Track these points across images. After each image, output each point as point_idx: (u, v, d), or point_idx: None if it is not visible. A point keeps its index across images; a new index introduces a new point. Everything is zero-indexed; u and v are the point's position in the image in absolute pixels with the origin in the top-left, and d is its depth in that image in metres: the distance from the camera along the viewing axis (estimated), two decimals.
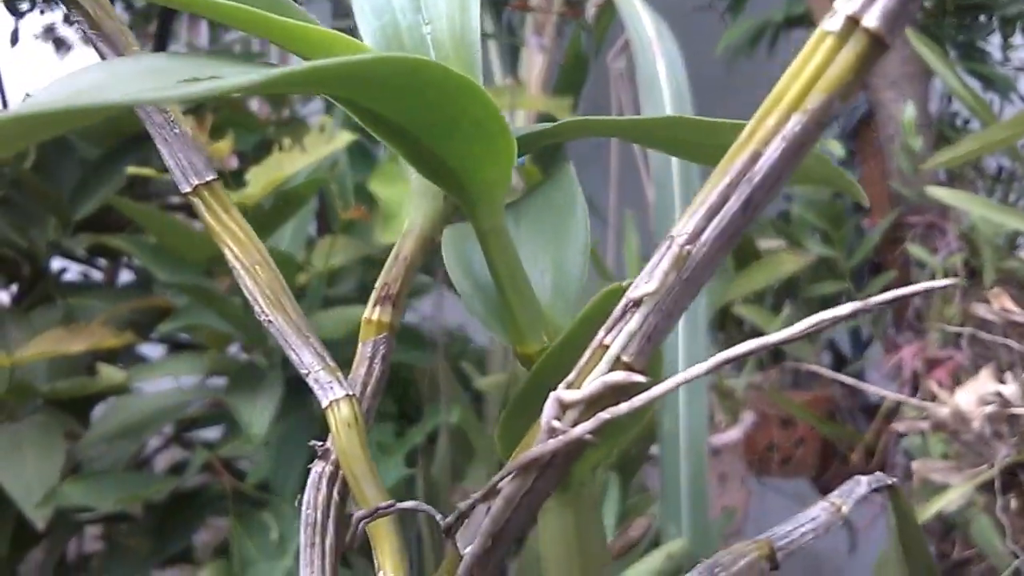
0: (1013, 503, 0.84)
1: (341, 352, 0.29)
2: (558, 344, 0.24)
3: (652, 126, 0.29)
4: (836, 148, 1.35)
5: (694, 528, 1.00)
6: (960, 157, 1.02)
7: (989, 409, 0.83)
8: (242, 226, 0.28)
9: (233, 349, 1.21)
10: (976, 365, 1.24)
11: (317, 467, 0.27)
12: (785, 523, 0.49)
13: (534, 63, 1.40)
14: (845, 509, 0.60)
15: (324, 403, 0.27)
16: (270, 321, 0.27)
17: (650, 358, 0.23)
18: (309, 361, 0.27)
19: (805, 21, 1.36)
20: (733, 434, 1.22)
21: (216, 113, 1.16)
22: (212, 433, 1.37)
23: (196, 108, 1.12)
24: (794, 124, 0.21)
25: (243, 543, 1.07)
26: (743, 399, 1.25)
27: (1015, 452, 0.82)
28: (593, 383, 0.22)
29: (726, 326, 1.38)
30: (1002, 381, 0.84)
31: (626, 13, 1.11)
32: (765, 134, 0.21)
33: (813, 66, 0.22)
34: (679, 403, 1.03)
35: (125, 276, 1.42)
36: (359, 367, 0.28)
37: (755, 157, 0.21)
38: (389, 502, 0.24)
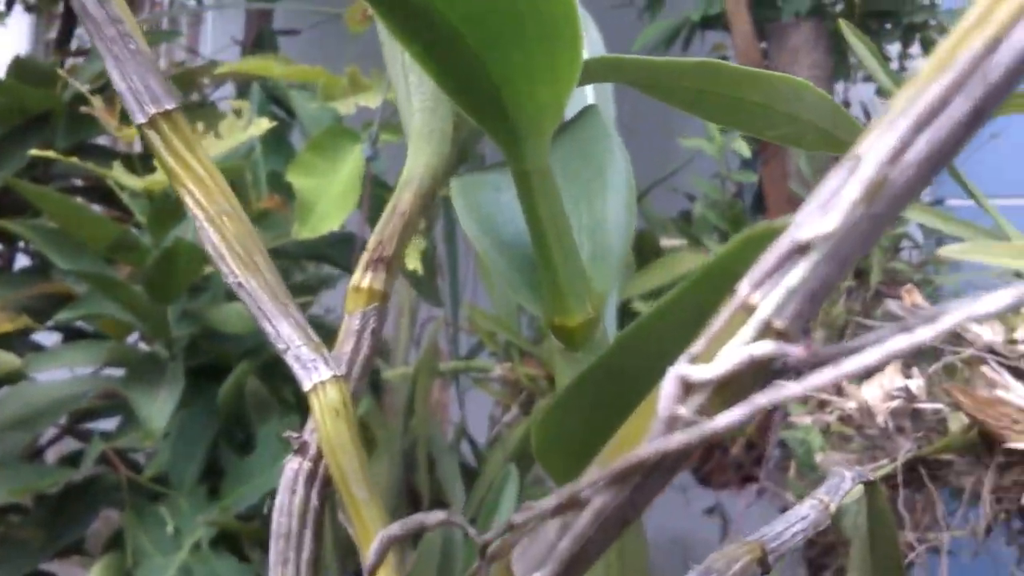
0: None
1: (244, 347, 0.23)
2: (655, 311, 0.18)
3: (685, 70, 0.23)
4: (742, 148, 1.33)
5: None
6: None
7: (894, 404, 0.81)
8: (207, 167, 0.21)
9: (132, 338, 1.12)
10: None
11: (292, 464, 0.21)
12: (776, 522, 0.44)
13: None
14: (833, 506, 0.55)
15: (307, 385, 0.21)
16: (240, 284, 0.21)
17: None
18: (288, 334, 0.21)
19: (720, 23, 1.33)
20: None
21: None
22: (108, 424, 1.27)
23: (104, 88, 1.02)
24: None
25: (137, 536, 0.99)
26: None
27: (917, 447, 0.80)
28: (734, 355, 0.15)
29: (624, 323, 1.35)
30: (908, 376, 0.82)
31: None
32: (1009, 15, 0.15)
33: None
34: None
35: (22, 261, 1.30)
36: (345, 343, 0.22)
37: (994, 45, 0.15)
38: (414, 517, 0.18)
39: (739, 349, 0.16)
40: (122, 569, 0.98)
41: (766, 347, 0.15)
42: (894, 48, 1.36)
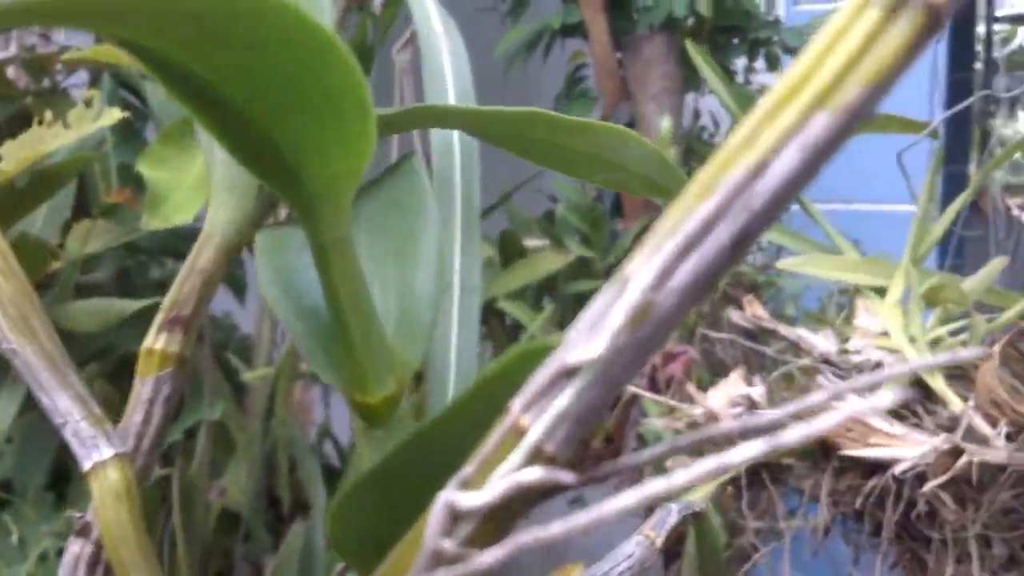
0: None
1: (93, 347, 0.21)
2: (441, 415, 0.17)
3: (507, 119, 0.22)
4: None
5: None
6: None
7: (738, 410, 0.82)
8: None
9: None
10: (708, 361, 1.26)
11: (74, 547, 0.19)
12: (603, 562, 0.44)
13: None
14: (659, 542, 0.55)
15: (85, 466, 0.18)
16: (15, 351, 0.18)
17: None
18: (66, 408, 0.19)
19: (580, 31, 1.34)
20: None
21: None
22: None
23: None
24: (818, 127, 0.14)
25: None
26: None
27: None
28: (503, 482, 0.15)
29: (489, 320, 1.34)
30: (751, 384, 0.84)
31: (414, 5, 1.04)
32: (775, 139, 0.14)
33: (847, 49, 0.15)
34: (447, 400, 0.97)
35: None
36: (134, 412, 0.20)
37: (758, 170, 0.14)
38: None
39: (508, 476, 0.15)
40: None
41: (535, 474, 0.15)
42: (741, 62, 1.40)
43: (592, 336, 0.15)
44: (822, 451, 0.80)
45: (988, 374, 0.74)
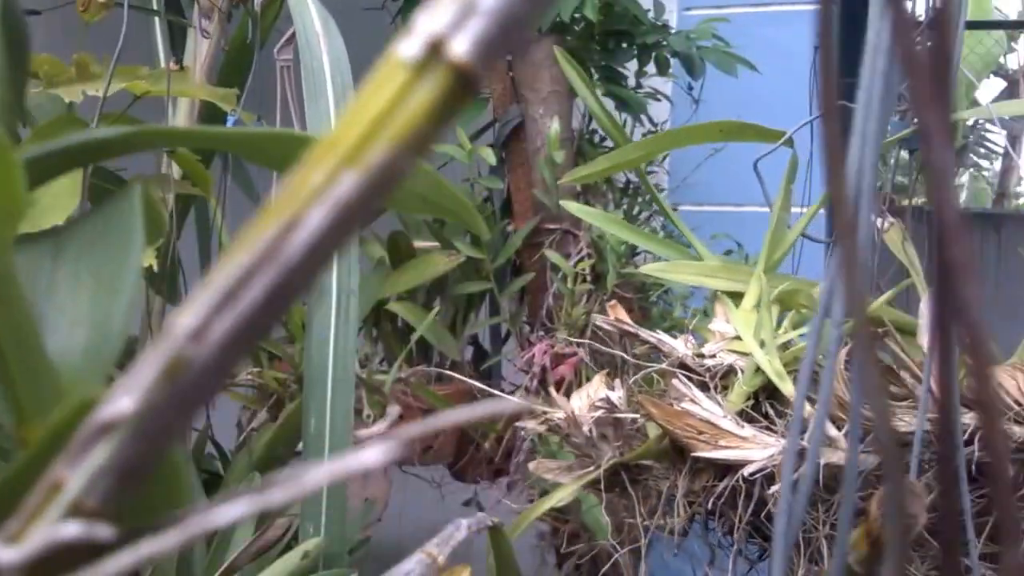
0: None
1: None
2: (12, 471, 0.17)
3: (239, 138, 0.23)
4: (489, 156, 1.35)
5: (331, 526, 0.96)
6: (595, 174, 1.03)
7: (598, 414, 0.84)
8: None
9: None
10: (597, 361, 1.28)
11: None
12: None
13: (200, 49, 1.29)
14: (441, 559, 0.56)
15: None
16: None
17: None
18: None
19: None
20: (379, 427, 1.18)
21: None
22: None
23: None
24: (346, 185, 0.15)
25: None
26: (389, 393, 1.21)
27: (618, 454, 0.84)
28: (40, 536, 0.15)
29: (380, 322, 1.35)
30: (611, 388, 0.86)
31: (293, 4, 1.04)
32: (306, 196, 0.15)
33: (378, 106, 0.15)
34: (326, 402, 0.97)
35: None
36: None
37: (291, 227, 0.15)
38: None
39: (46, 530, 0.15)
40: None
41: (72, 529, 0.15)
42: (633, 66, 1.41)
43: (127, 391, 0.16)
44: (677, 452, 0.82)
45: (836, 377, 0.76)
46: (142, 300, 1.13)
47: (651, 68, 1.47)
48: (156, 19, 1.29)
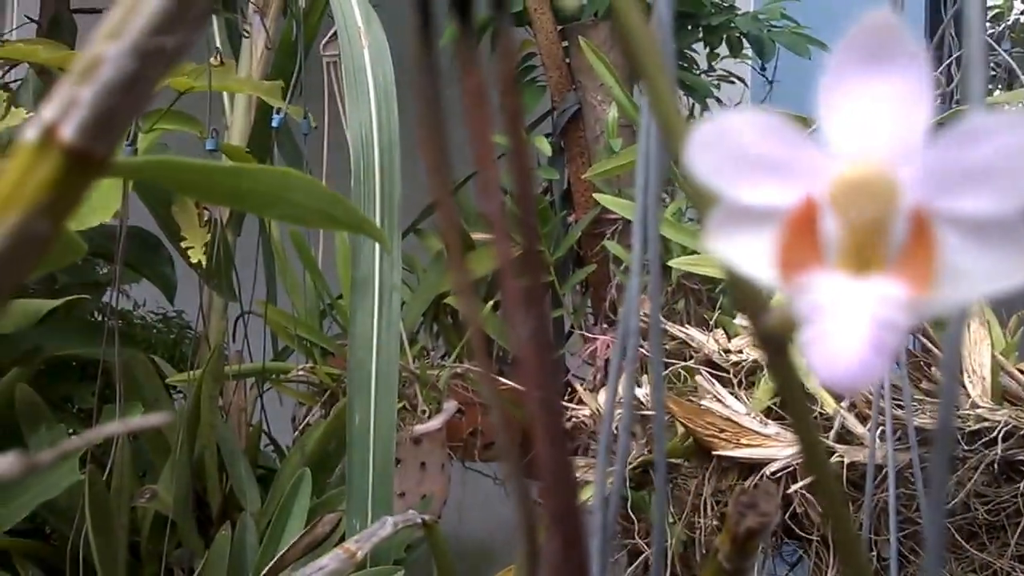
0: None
1: (19, 349, 0.22)
2: None
3: (184, 168, 0.25)
4: (544, 146, 1.34)
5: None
6: (620, 167, 1.02)
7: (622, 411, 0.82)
8: None
9: None
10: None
11: None
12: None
13: (256, 45, 1.33)
14: (360, 555, 0.57)
15: None
16: None
17: None
18: None
19: (524, 21, 1.35)
20: (434, 423, 1.20)
21: None
22: None
23: None
24: None
25: None
26: (445, 388, 1.22)
27: (645, 451, 0.82)
28: None
29: (439, 316, 1.36)
30: (638, 384, 0.84)
31: (335, 1, 1.06)
32: None
33: (11, 177, 0.17)
34: (370, 398, 0.99)
35: None
36: None
37: None
38: None
39: None
40: None
41: None
42: (705, 50, 1.39)
43: None
44: (702, 450, 0.80)
45: None
46: (196, 296, 1.18)
47: (723, 50, 1.43)
48: (213, 16, 1.33)
